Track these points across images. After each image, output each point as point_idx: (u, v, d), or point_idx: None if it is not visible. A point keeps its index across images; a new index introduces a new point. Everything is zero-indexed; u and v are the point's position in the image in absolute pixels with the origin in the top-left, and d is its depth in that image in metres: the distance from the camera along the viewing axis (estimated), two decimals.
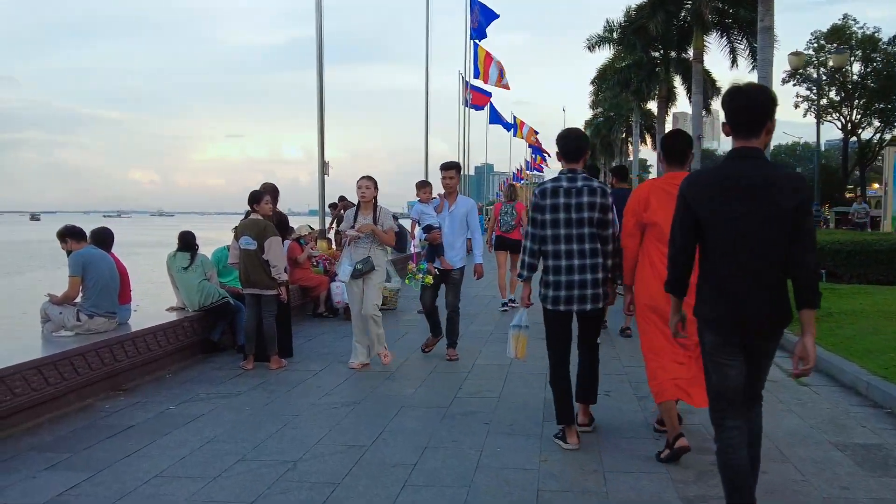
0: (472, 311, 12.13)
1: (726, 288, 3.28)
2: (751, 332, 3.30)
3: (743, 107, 3.30)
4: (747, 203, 3.21)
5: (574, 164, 5.03)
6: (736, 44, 33.33)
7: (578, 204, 4.86)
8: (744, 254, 3.23)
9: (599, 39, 42.91)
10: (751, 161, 3.27)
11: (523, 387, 7.00)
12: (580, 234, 4.88)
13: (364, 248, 7.62)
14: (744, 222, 3.22)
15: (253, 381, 7.28)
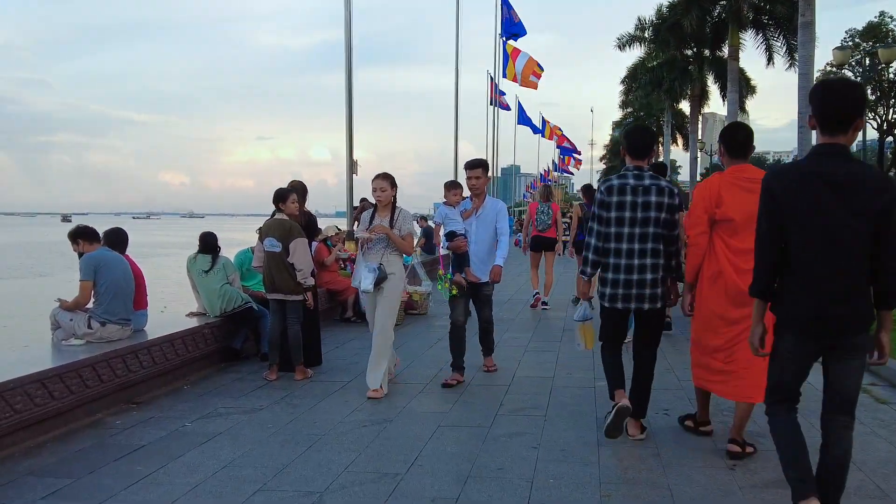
0: (505, 316, 11.53)
1: (812, 287, 3.20)
2: (835, 331, 3.23)
3: (835, 102, 3.21)
4: (835, 201, 3.13)
5: (641, 161, 4.89)
6: (772, 41, 32.40)
7: (646, 203, 4.75)
8: (830, 253, 3.16)
9: (630, 38, 42.13)
10: (839, 159, 3.19)
11: (572, 402, 6.34)
12: (644, 234, 4.77)
13: (376, 253, 6.57)
14: (831, 221, 3.14)
15: (276, 393, 6.70)
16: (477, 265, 6.94)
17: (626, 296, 4.85)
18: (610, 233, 4.85)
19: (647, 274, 4.82)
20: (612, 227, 4.84)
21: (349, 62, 12.55)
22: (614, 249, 4.85)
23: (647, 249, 4.80)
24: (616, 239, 4.84)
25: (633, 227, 4.79)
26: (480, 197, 7.15)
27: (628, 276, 4.82)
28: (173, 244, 54.60)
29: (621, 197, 4.80)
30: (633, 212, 4.77)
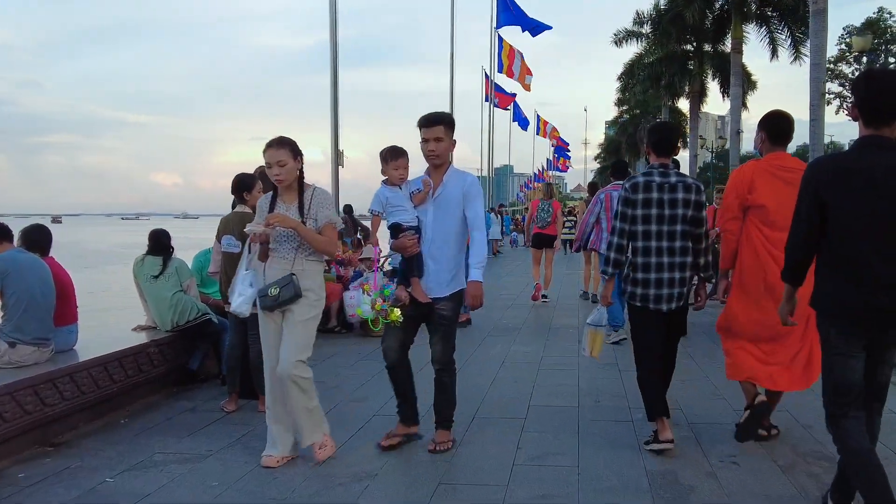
0: (511, 325, 10.13)
1: (861, 279, 3.12)
2: (880, 323, 3.16)
3: (880, 93, 3.16)
4: (883, 193, 3.08)
5: (665, 159, 4.75)
6: (776, 34, 31.13)
7: (672, 200, 4.60)
8: (876, 244, 3.10)
9: (627, 34, 40.86)
10: (885, 151, 3.14)
11: (607, 442, 4.93)
12: (671, 232, 4.61)
13: (285, 258, 4.49)
14: (877, 213, 3.09)
15: (233, 431, 5.26)
16: (435, 275, 4.67)
17: (657, 296, 4.65)
18: (637, 231, 4.66)
19: (675, 273, 4.65)
20: (638, 225, 4.65)
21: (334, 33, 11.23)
22: (642, 248, 4.66)
23: (675, 248, 4.63)
24: (644, 237, 4.65)
25: (661, 224, 4.62)
26: (440, 170, 4.71)
27: (659, 275, 4.64)
28: None
29: (647, 194, 4.62)
30: (661, 209, 4.61)
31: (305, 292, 4.47)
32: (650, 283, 4.67)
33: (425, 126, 4.61)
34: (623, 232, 4.70)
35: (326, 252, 4.61)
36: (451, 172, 4.72)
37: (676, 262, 4.66)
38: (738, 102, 30.25)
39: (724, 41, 34.33)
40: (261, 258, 4.54)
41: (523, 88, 30.95)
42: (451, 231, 4.68)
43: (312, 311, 4.56)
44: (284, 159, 4.45)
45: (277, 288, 4.42)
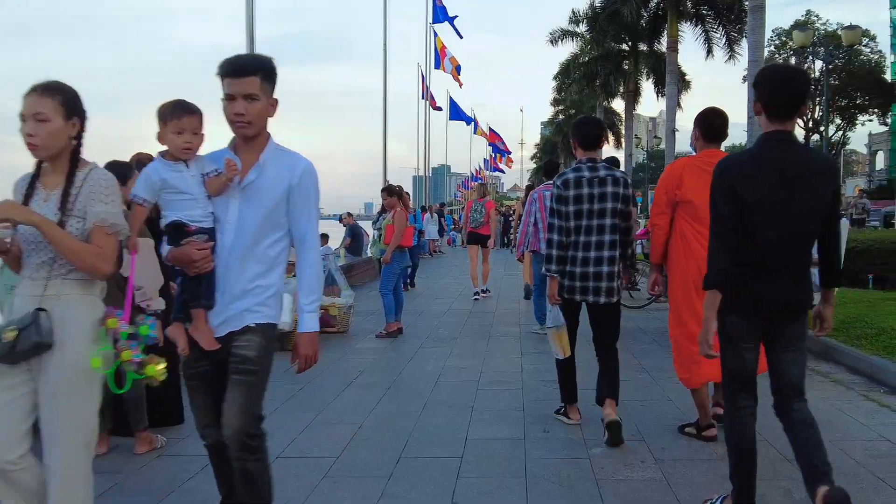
0: (447, 335, 9.20)
1: (763, 272, 3.14)
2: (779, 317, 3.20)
3: (785, 88, 3.14)
4: (789, 188, 3.10)
5: (593, 153, 4.81)
6: (712, 32, 30.96)
7: (602, 194, 4.66)
8: (782, 238, 3.12)
9: (563, 33, 40.52)
10: (791, 146, 3.19)
11: (560, 490, 4.02)
12: (601, 225, 4.68)
13: (34, 279, 2.83)
14: (788, 206, 3.10)
15: (98, 483, 4.17)
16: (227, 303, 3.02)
17: (583, 288, 4.71)
18: (570, 227, 4.69)
19: (604, 266, 4.69)
20: (571, 220, 4.68)
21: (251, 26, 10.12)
22: (573, 243, 4.71)
23: (604, 241, 4.68)
24: (576, 232, 4.69)
25: (591, 219, 4.67)
26: (254, 146, 3.06)
27: (585, 269, 4.69)
28: None
29: (578, 190, 4.67)
30: (591, 204, 4.65)
31: (65, 339, 2.73)
32: (575, 276, 4.70)
33: (231, 75, 2.92)
34: (561, 229, 4.71)
35: (89, 268, 2.78)
36: (273, 151, 3.05)
37: (605, 256, 4.67)
38: (673, 101, 29.95)
39: (659, 40, 34.10)
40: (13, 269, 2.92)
41: (454, 80, 30.18)
42: (265, 239, 3.02)
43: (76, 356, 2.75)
44: (47, 114, 2.74)
45: (15, 329, 2.69)
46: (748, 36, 21.87)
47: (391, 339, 8.67)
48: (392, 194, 9.17)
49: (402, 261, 8.94)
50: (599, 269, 4.68)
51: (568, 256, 4.72)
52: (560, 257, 4.73)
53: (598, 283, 4.70)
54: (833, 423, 5.13)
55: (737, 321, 3.22)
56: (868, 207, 25.44)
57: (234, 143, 3.10)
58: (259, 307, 3.03)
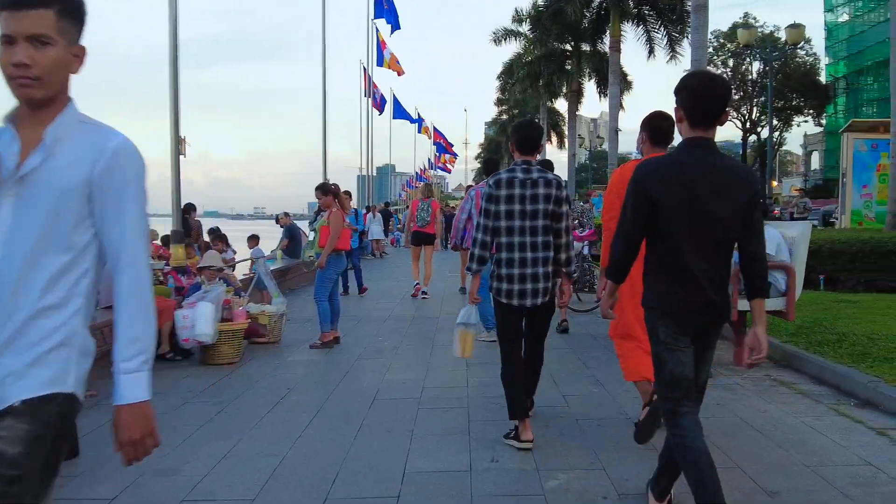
0: (388, 344, 8.56)
1: (684, 279, 3.12)
2: (703, 321, 3.18)
3: (706, 96, 3.11)
4: (708, 194, 3.07)
5: (529, 156, 4.76)
6: (653, 33, 30.93)
7: (534, 195, 4.62)
8: (701, 244, 3.10)
9: (506, 32, 40.23)
10: (709, 152, 3.15)
11: None
12: (534, 227, 4.63)
13: None
14: (704, 213, 3.07)
15: None
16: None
17: (521, 291, 4.65)
18: (500, 227, 4.65)
19: (538, 268, 4.66)
20: (501, 220, 4.65)
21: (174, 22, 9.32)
22: (506, 244, 4.65)
23: (538, 243, 4.64)
24: (507, 233, 4.65)
25: (524, 219, 4.63)
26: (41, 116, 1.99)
27: (522, 271, 4.64)
28: None
29: (510, 190, 4.64)
30: (523, 204, 4.62)
31: None
32: (513, 279, 4.64)
33: (7, 8, 1.91)
34: (487, 228, 4.65)
35: None
36: (71, 125, 2.02)
37: (539, 258, 4.63)
38: (616, 101, 29.81)
39: (602, 40, 34.00)
40: None
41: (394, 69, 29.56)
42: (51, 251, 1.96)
43: None
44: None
45: None
46: (691, 34, 21.71)
47: (327, 349, 8.00)
48: (327, 193, 8.42)
49: (338, 265, 8.25)
50: (535, 270, 4.64)
51: (503, 259, 4.67)
52: (482, 257, 4.68)
53: (534, 284, 4.65)
54: (808, 444, 4.66)
55: (668, 328, 3.20)
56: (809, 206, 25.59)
57: (13, 113, 2.02)
58: (32, 369, 1.92)
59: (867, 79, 49.03)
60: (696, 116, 3.13)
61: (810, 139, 64.24)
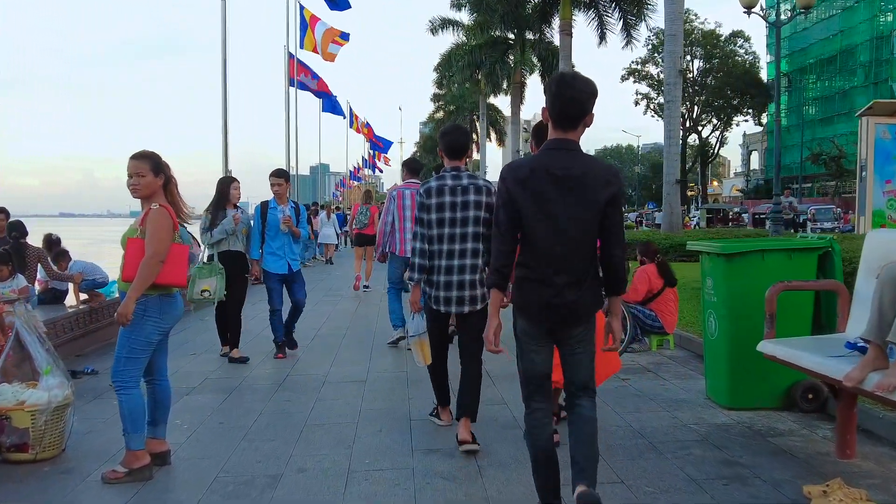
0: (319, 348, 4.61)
1: (539, 277, 3.11)
2: (561, 319, 3.13)
3: (570, 101, 3.03)
4: (565, 194, 3.04)
5: (458, 162, 4.60)
6: (606, 17, 27.62)
7: (465, 202, 4.45)
8: (559, 243, 3.08)
9: (443, 22, 36.53)
10: (570, 153, 3.09)
11: None
12: (464, 234, 4.47)
13: None
14: (561, 213, 3.05)
15: None
16: None
17: (447, 298, 4.49)
18: (432, 235, 4.48)
19: (467, 275, 4.48)
20: (433, 228, 4.47)
21: None
22: (437, 251, 4.50)
23: (467, 249, 4.48)
24: (438, 240, 4.49)
25: (454, 227, 4.47)
26: None
27: (450, 278, 4.47)
28: None
29: (440, 198, 4.46)
30: (454, 212, 4.45)
31: None
32: (443, 286, 4.48)
33: None
34: (423, 237, 4.51)
35: None
36: None
37: (469, 265, 4.49)
38: None
39: (550, 25, 30.62)
40: None
41: (329, 61, 25.24)
42: None
43: None
44: None
45: None
46: (665, 6, 18.38)
47: (142, 476, 3.94)
48: (157, 169, 4.32)
49: (162, 317, 4.16)
50: (462, 277, 4.47)
51: (435, 266, 4.49)
52: (422, 266, 4.51)
53: (461, 292, 4.47)
54: None
55: (524, 325, 3.19)
56: (795, 205, 22.71)
57: None
58: None
59: (810, 77, 47.17)
60: (556, 118, 3.08)
61: (750, 139, 62.44)
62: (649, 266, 7.27)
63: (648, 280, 7.16)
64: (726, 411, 5.01)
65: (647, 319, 7.12)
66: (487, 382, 5.57)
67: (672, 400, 5.33)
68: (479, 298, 4.50)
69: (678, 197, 18.83)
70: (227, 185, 6.92)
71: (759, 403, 5.01)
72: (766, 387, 5.00)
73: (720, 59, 53.05)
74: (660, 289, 7.19)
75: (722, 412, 5.00)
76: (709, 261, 5.20)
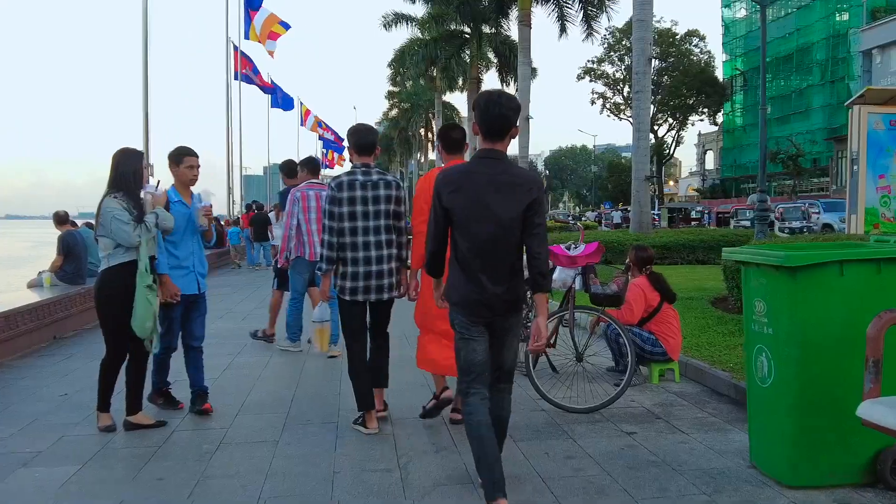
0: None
1: (470, 275, 3.31)
2: (492, 313, 3.34)
3: (498, 115, 3.30)
4: (493, 199, 3.26)
5: (367, 158, 4.73)
6: (566, 8, 26.21)
7: (375, 196, 4.58)
8: (484, 244, 3.28)
9: (397, 16, 34.88)
10: (497, 162, 3.32)
11: None
12: (377, 226, 4.59)
13: None
14: (489, 216, 3.26)
15: None
16: None
17: (366, 288, 4.57)
18: (344, 228, 4.54)
19: (382, 265, 4.60)
20: (345, 221, 4.53)
21: None
22: (350, 244, 4.55)
23: (381, 241, 4.60)
24: (351, 233, 4.55)
25: (367, 220, 4.56)
26: None
27: (367, 269, 4.56)
28: None
29: (351, 192, 4.54)
30: (365, 205, 4.56)
31: None
32: (358, 277, 4.54)
33: None
34: (333, 230, 4.53)
35: None
36: None
37: (384, 255, 4.59)
38: (526, 83, 24.82)
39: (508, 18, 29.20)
40: None
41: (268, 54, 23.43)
42: None
43: None
44: None
45: None
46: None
47: None
48: None
49: None
50: (380, 267, 4.58)
51: (348, 258, 4.55)
52: (330, 257, 4.53)
53: (379, 280, 4.58)
54: None
55: (461, 319, 3.36)
56: (811, 210, 21.48)
57: None
58: None
59: (767, 76, 46.50)
60: (486, 131, 3.31)
61: (705, 138, 61.88)
62: (640, 279, 5.73)
63: (644, 296, 5.61)
64: (787, 490, 3.46)
65: (645, 344, 5.57)
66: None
67: (704, 472, 3.76)
68: (390, 287, 4.66)
69: (648, 194, 17.43)
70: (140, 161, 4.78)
71: (833, 479, 3.49)
72: (845, 456, 3.47)
73: (676, 58, 52.35)
74: (657, 305, 5.65)
75: (781, 492, 3.46)
76: (760, 276, 3.62)
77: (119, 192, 4.51)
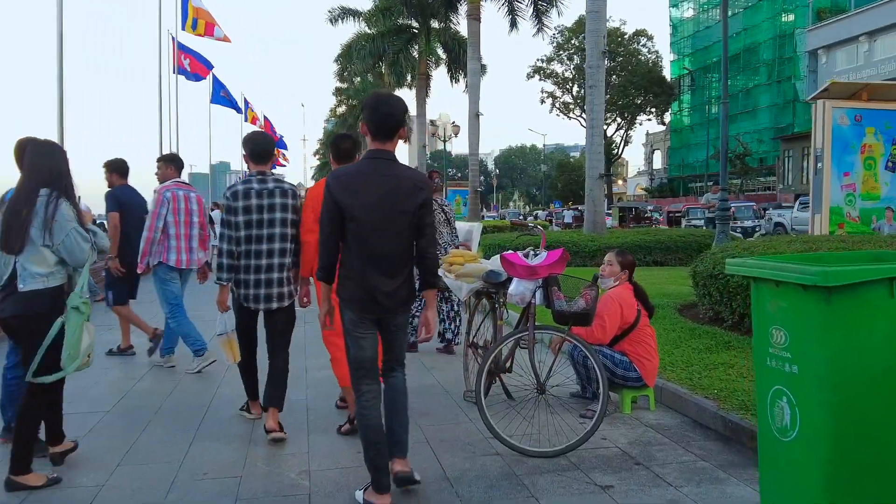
0: None
1: (362, 273, 3.33)
2: (383, 310, 3.38)
3: (387, 115, 3.36)
4: (381, 199, 3.29)
5: (263, 166, 4.69)
6: (516, 2, 25.48)
7: (271, 205, 4.53)
8: (376, 243, 3.31)
9: (343, 11, 33.70)
10: (386, 162, 3.37)
11: None
12: (271, 235, 4.54)
13: None
14: (377, 215, 3.30)
15: None
16: None
17: (257, 296, 4.55)
18: (240, 236, 4.49)
19: (274, 273, 4.56)
20: (241, 230, 4.49)
21: None
22: (245, 251, 4.52)
23: (275, 249, 4.55)
24: (246, 241, 4.50)
25: (261, 228, 4.51)
26: None
27: (259, 276, 4.53)
28: None
29: (247, 201, 4.49)
30: (260, 214, 4.51)
31: None
32: (252, 284, 4.52)
33: None
34: (231, 239, 4.50)
35: None
36: None
37: (277, 263, 4.55)
38: (477, 79, 24.07)
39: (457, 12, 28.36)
40: None
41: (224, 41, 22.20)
42: None
43: None
44: None
45: None
46: None
47: None
48: None
49: None
50: (270, 275, 4.54)
51: (242, 265, 4.52)
52: (230, 266, 4.50)
53: (269, 289, 4.55)
54: None
55: (351, 316, 3.38)
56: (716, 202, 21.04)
57: None
58: None
59: (713, 76, 46.52)
60: (375, 131, 3.36)
61: (653, 138, 61.99)
62: (620, 288, 4.86)
63: (621, 311, 4.75)
64: None
65: (617, 368, 4.71)
66: None
67: None
68: (287, 295, 4.65)
69: (602, 193, 16.74)
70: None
71: None
72: None
73: (624, 58, 52.21)
74: (633, 321, 4.80)
75: None
76: (781, 298, 2.76)
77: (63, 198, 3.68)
